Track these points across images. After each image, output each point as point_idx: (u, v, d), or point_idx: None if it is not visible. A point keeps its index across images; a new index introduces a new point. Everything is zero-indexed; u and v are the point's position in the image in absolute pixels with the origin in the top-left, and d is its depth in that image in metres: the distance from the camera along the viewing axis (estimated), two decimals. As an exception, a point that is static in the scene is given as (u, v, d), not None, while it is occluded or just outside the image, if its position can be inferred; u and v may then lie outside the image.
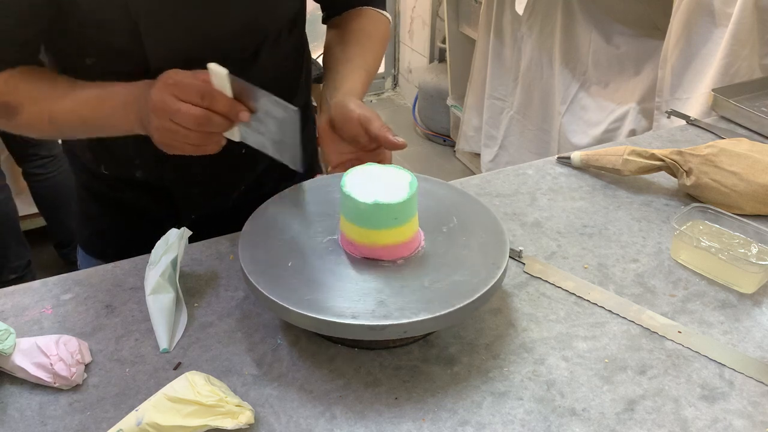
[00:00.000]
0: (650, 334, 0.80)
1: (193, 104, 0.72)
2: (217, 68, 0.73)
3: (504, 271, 0.75)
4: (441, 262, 0.77)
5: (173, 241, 0.82)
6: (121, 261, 0.90)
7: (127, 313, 0.81)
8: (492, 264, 0.76)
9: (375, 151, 0.86)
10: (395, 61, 3.90)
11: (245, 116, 0.74)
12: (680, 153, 1.03)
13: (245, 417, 0.65)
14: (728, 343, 0.79)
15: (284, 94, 0.85)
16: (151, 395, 0.66)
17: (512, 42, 2.57)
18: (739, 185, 0.98)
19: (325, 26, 1.07)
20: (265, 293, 0.70)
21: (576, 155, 1.12)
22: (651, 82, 2.00)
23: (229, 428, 0.64)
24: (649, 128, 1.96)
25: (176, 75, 0.73)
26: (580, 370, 0.75)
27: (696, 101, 1.65)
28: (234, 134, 0.78)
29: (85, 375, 0.73)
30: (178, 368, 0.74)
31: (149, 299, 0.79)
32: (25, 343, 0.72)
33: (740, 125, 1.26)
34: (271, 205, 0.85)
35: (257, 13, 0.88)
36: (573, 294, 0.85)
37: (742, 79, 1.50)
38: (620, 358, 0.76)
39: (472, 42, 2.88)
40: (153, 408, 0.64)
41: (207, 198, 1.00)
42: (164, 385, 0.66)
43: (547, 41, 2.40)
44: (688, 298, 0.85)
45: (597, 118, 2.23)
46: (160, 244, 0.83)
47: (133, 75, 0.80)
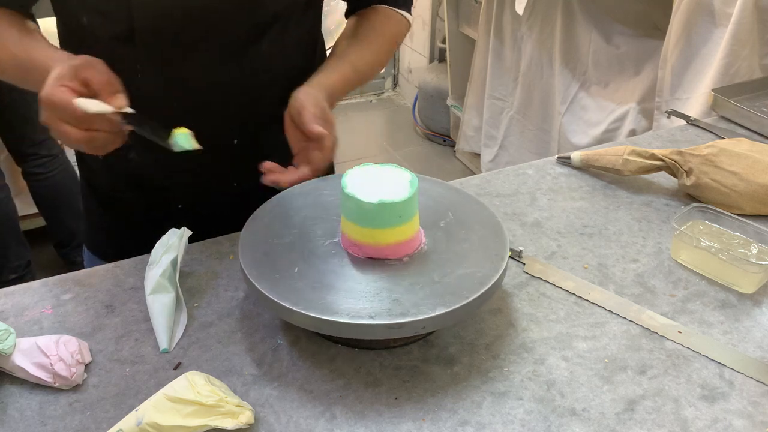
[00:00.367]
0: (650, 334, 0.80)
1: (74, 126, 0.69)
2: (86, 103, 0.69)
3: (507, 264, 0.76)
4: (444, 257, 0.77)
5: (173, 241, 0.82)
6: (121, 261, 0.90)
7: (127, 313, 0.81)
8: (495, 255, 0.77)
9: (318, 140, 0.84)
10: (395, 61, 3.90)
11: (128, 127, 0.72)
12: (680, 153, 1.03)
13: (245, 417, 0.65)
14: (728, 343, 0.79)
15: (291, 91, 0.85)
16: (151, 395, 0.66)
17: (512, 42, 2.57)
18: (739, 185, 0.98)
19: (346, 20, 1.06)
20: (285, 304, 0.69)
21: (576, 155, 1.12)
22: (651, 82, 2.00)
23: (229, 428, 0.64)
24: (649, 128, 1.96)
25: (53, 96, 0.68)
26: (580, 370, 0.75)
27: (696, 101, 1.65)
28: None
29: (85, 375, 0.73)
30: (178, 368, 0.74)
31: (149, 299, 0.79)
32: (25, 343, 0.72)
33: (740, 125, 1.26)
34: (269, 208, 0.84)
35: None
36: (573, 294, 0.85)
37: (742, 79, 1.50)
38: (620, 358, 0.76)
39: (472, 42, 2.88)
40: (153, 408, 0.64)
41: (201, 189, 0.97)
42: (164, 385, 0.66)
43: (547, 41, 2.40)
44: (688, 298, 0.85)
45: (597, 118, 2.23)
46: (160, 244, 0.83)
47: (122, 39, 0.80)
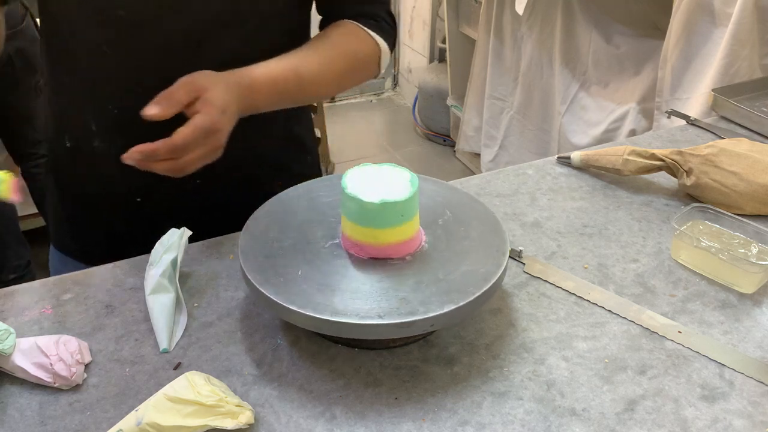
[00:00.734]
0: (650, 334, 0.80)
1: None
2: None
3: (508, 260, 0.77)
4: (446, 254, 0.77)
5: (173, 241, 0.82)
6: (121, 261, 0.90)
7: (127, 313, 0.81)
8: (496, 251, 0.77)
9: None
10: (395, 61, 3.90)
11: None
12: (680, 153, 1.03)
13: (245, 417, 0.65)
14: (728, 343, 0.79)
15: None
16: (151, 395, 0.66)
17: (512, 42, 2.57)
18: (739, 185, 0.98)
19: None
20: (294, 308, 0.69)
21: (576, 155, 1.12)
22: (651, 82, 2.00)
23: (229, 428, 0.64)
24: (649, 128, 1.96)
25: None
26: (580, 370, 0.75)
27: (696, 101, 1.65)
28: None
29: (85, 375, 0.73)
30: (178, 368, 0.74)
31: (149, 299, 0.79)
32: (25, 343, 0.72)
33: (740, 125, 1.26)
34: (265, 211, 0.84)
35: None
36: (573, 294, 0.85)
37: (742, 79, 1.50)
38: (620, 358, 0.76)
39: (472, 42, 2.89)
40: (153, 408, 0.64)
41: (158, 182, 0.85)
42: (164, 385, 0.66)
43: (547, 41, 2.40)
44: (688, 298, 0.85)
45: (597, 118, 2.23)
46: (160, 244, 0.83)
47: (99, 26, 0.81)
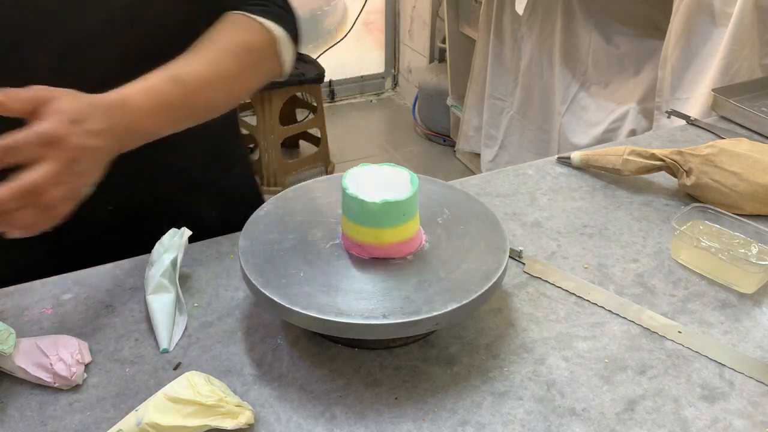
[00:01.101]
0: (650, 334, 0.80)
1: None
2: None
3: (508, 255, 0.77)
4: (447, 253, 0.78)
5: (173, 241, 0.82)
6: (121, 261, 0.90)
7: (127, 313, 0.81)
8: (496, 248, 0.78)
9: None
10: (395, 61, 3.90)
11: None
12: (680, 153, 1.03)
13: (245, 417, 0.65)
14: (728, 343, 0.79)
15: None
16: (151, 395, 0.66)
17: (512, 42, 2.57)
18: (739, 185, 0.98)
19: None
20: (298, 309, 0.69)
21: (576, 155, 1.12)
22: (651, 82, 2.00)
23: (229, 428, 0.64)
24: (649, 128, 1.96)
25: None
26: (580, 370, 0.75)
27: (696, 101, 1.65)
28: None
29: (85, 375, 0.73)
30: (178, 368, 0.74)
31: (149, 299, 0.79)
32: (25, 343, 0.72)
33: (740, 125, 1.26)
34: (263, 214, 0.84)
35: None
36: (573, 294, 0.85)
37: (742, 79, 1.50)
38: (620, 358, 0.76)
39: (472, 42, 2.88)
40: (153, 408, 0.64)
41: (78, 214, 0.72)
42: (164, 385, 0.66)
43: (547, 41, 2.40)
44: (688, 298, 0.85)
45: (597, 118, 2.23)
46: (160, 244, 0.83)
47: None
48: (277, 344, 0.77)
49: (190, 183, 0.98)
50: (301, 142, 3.24)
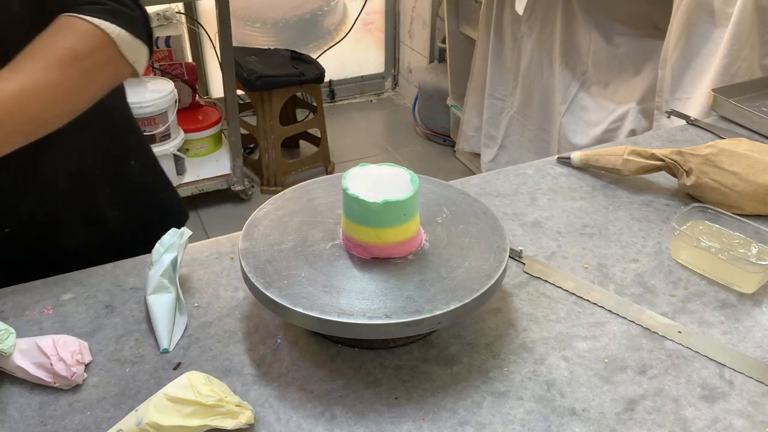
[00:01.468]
0: (650, 334, 0.80)
1: None
2: None
3: (509, 253, 0.77)
4: (448, 252, 0.78)
5: (173, 241, 0.82)
6: (121, 261, 0.90)
7: (127, 313, 0.81)
8: (496, 246, 0.78)
9: None
10: (395, 61, 3.90)
11: None
12: (680, 153, 1.03)
13: (245, 417, 0.65)
14: (728, 343, 0.79)
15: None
16: (151, 395, 0.66)
17: (512, 42, 2.57)
18: (739, 185, 0.98)
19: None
20: (301, 310, 0.69)
21: (576, 155, 1.12)
22: (651, 82, 2.00)
23: (229, 428, 0.64)
24: (649, 128, 1.96)
25: None
26: (580, 370, 0.75)
27: (696, 101, 1.65)
28: None
29: (85, 375, 0.73)
30: (178, 368, 0.74)
31: (149, 299, 0.79)
32: (25, 343, 0.72)
33: (740, 125, 1.26)
34: (262, 215, 0.83)
35: None
36: (573, 294, 0.85)
37: (742, 79, 1.50)
38: (620, 358, 0.76)
39: (472, 42, 2.88)
40: (153, 408, 0.64)
41: None
42: (164, 385, 0.66)
43: (547, 41, 2.40)
44: (688, 298, 0.85)
45: (597, 118, 2.23)
46: (160, 244, 0.83)
47: None
48: (277, 344, 0.77)
49: (81, 195, 0.94)
50: (301, 142, 3.24)
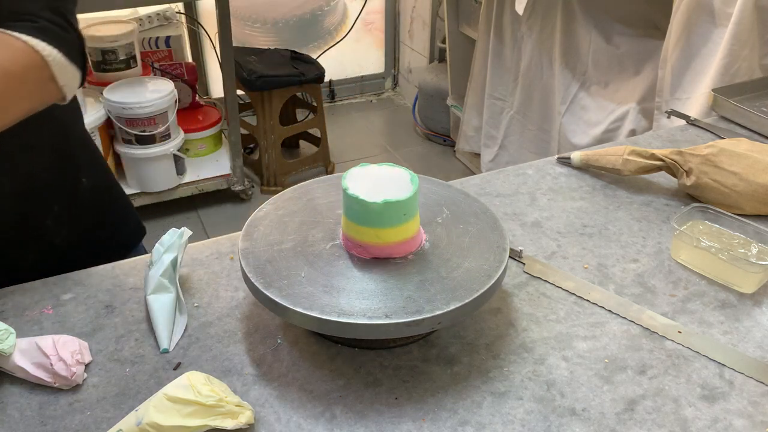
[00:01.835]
0: (650, 334, 0.80)
1: None
2: None
3: (509, 253, 0.77)
4: (448, 252, 0.78)
5: (173, 241, 0.82)
6: (121, 261, 0.90)
7: (127, 313, 0.81)
8: (496, 246, 0.78)
9: None
10: (395, 61, 3.90)
11: None
12: (680, 153, 1.03)
13: (245, 417, 0.65)
14: (728, 343, 0.79)
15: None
16: (151, 395, 0.66)
17: (512, 42, 2.57)
18: (739, 185, 0.98)
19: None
20: (301, 310, 0.69)
21: (576, 155, 1.12)
22: (651, 82, 2.00)
23: (229, 428, 0.64)
24: (649, 128, 1.96)
25: None
26: (580, 370, 0.75)
27: (696, 101, 1.65)
28: None
29: (85, 375, 0.73)
30: (178, 368, 0.74)
31: (149, 299, 0.79)
32: (25, 343, 0.72)
33: (740, 125, 1.26)
34: (262, 215, 0.83)
35: None
36: (573, 294, 0.85)
37: (742, 79, 1.50)
38: (620, 358, 0.76)
39: (472, 42, 2.88)
40: (153, 408, 0.64)
41: None
42: (164, 385, 0.66)
43: (547, 41, 2.40)
44: (688, 298, 0.85)
45: (597, 118, 2.23)
46: (160, 244, 0.83)
47: None
48: (277, 344, 0.77)
49: (27, 215, 0.93)
50: (301, 142, 3.24)
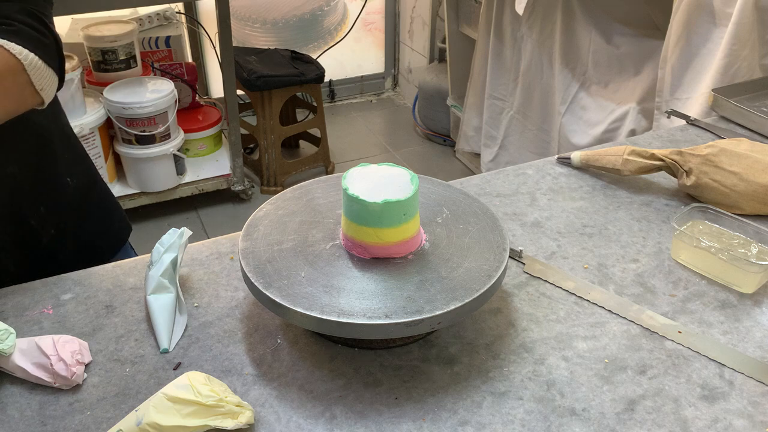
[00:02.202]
0: (650, 334, 0.80)
1: None
2: None
3: (508, 253, 0.77)
4: (448, 252, 0.78)
5: (173, 241, 0.82)
6: (121, 261, 0.90)
7: (127, 313, 0.81)
8: (496, 246, 0.78)
9: None
10: (395, 61, 3.90)
11: None
12: (680, 153, 1.03)
13: (245, 417, 0.65)
14: (728, 343, 0.79)
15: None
16: (151, 395, 0.66)
17: (512, 42, 2.57)
18: (739, 185, 0.98)
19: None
20: (301, 311, 0.69)
21: (576, 155, 1.12)
22: (651, 82, 2.00)
23: (229, 428, 0.64)
24: (649, 128, 1.96)
25: None
26: (580, 370, 0.75)
27: (696, 101, 1.65)
28: None
29: (85, 375, 0.73)
30: (178, 368, 0.74)
31: (149, 299, 0.79)
32: (25, 343, 0.72)
33: (740, 125, 1.26)
34: (261, 215, 0.83)
35: None
36: (573, 294, 0.85)
37: (742, 79, 1.50)
38: (620, 358, 0.76)
39: (472, 42, 2.88)
40: (153, 408, 0.64)
41: None
42: (164, 385, 0.66)
43: (547, 41, 2.40)
44: (688, 298, 0.85)
45: (597, 118, 2.23)
46: (160, 244, 0.83)
47: None
48: (277, 344, 0.77)
49: (12, 216, 0.93)
50: (301, 142, 3.24)
